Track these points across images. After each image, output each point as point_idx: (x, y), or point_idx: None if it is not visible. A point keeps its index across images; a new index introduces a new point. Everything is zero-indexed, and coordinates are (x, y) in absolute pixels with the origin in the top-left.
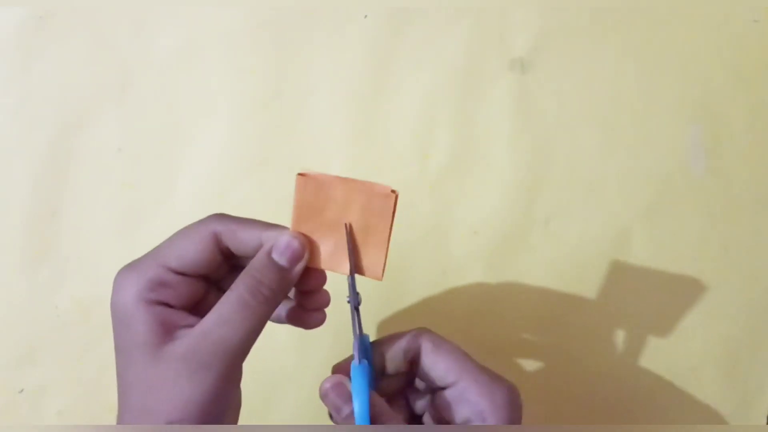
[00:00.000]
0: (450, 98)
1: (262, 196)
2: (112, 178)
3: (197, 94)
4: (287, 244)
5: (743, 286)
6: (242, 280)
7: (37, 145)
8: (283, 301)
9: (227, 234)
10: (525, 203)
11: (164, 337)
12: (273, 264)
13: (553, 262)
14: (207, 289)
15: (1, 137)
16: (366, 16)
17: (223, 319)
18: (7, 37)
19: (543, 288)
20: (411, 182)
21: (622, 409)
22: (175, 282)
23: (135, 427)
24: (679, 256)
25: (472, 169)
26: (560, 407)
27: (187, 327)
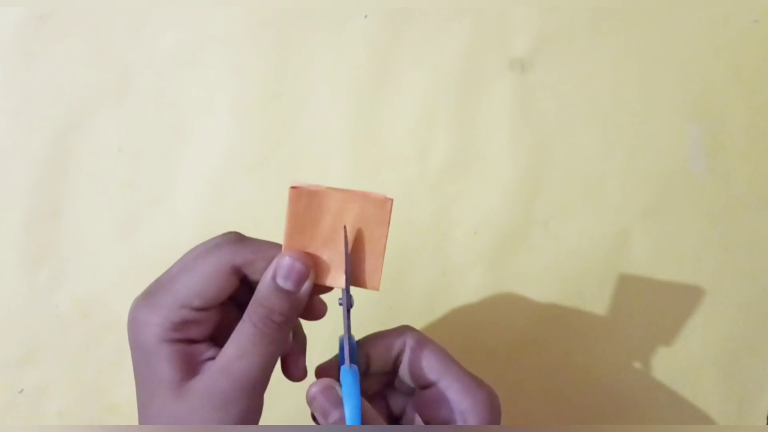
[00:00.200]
0: (450, 98)
1: (262, 196)
2: (112, 178)
3: (197, 94)
4: (290, 267)
5: (743, 286)
6: (253, 311)
7: (37, 145)
8: None
9: (246, 266)
10: (525, 203)
11: (187, 373)
12: (279, 290)
13: (553, 262)
14: (226, 309)
15: (1, 137)
16: (366, 16)
17: (242, 352)
18: (7, 37)
19: (543, 288)
20: (411, 182)
21: (622, 409)
22: (198, 319)
23: (135, 427)
24: (679, 256)
25: (472, 169)
26: (560, 407)
27: (209, 360)
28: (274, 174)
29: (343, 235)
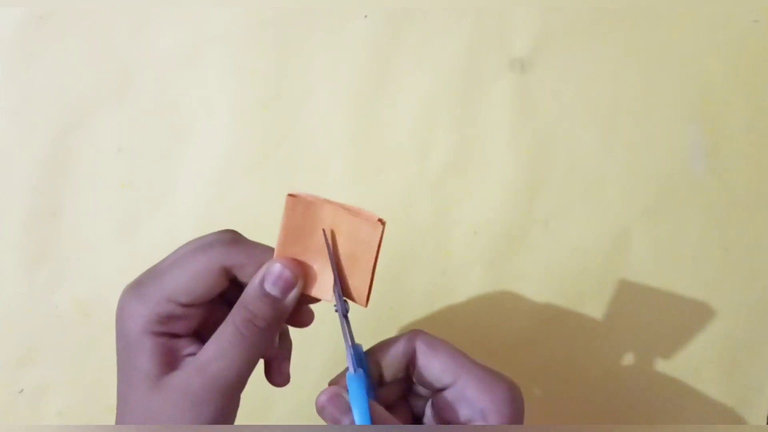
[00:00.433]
0: (450, 98)
1: (262, 196)
2: (112, 178)
3: (197, 94)
4: (279, 275)
5: (743, 286)
6: (237, 313)
7: (37, 145)
8: None
9: (236, 268)
10: (525, 203)
11: (166, 367)
12: (265, 295)
13: (553, 262)
14: (213, 307)
15: (1, 137)
16: (366, 16)
17: (221, 352)
18: (7, 37)
19: (543, 288)
20: (411, 182)
21: (622, 409)
22: (183, 314)
23: (135, 427)
24: (679, 256)
25: (472, 169)
26: (560, 407)
27: (190, 355)
28: (274, 174)
29: (336, 248)
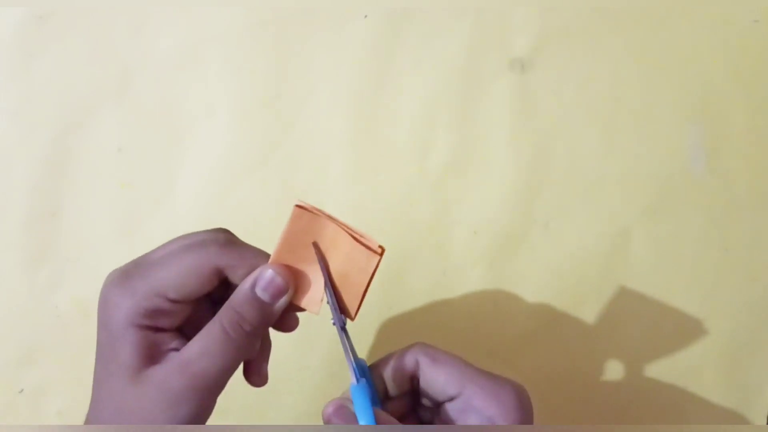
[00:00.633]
0: (450, 98)
1: (262, 196)
2: (112, 178)
3: (197, 94)
4: (270, 280)
5: (743, 286)
6: (225, 313)
7: (37, 145)
8: None
9: (228, 269)
10: (525, 203)
11: (148, 360)
12: (255, 299)
13: (553, 262)
14: (198, 305)
15: (1, 137)
16: (366, 16)
17: (205, 351)
18: (7, 37)
19: (543, 288)
20: (411, 182)
21: (622, 409)
22: (171, 310)
23: (134, 427)
24: (679, 256)
25: (472, 169)
26: (560, 407)
27: (172, 350)
28: (274, 174)
29: (331, 267)
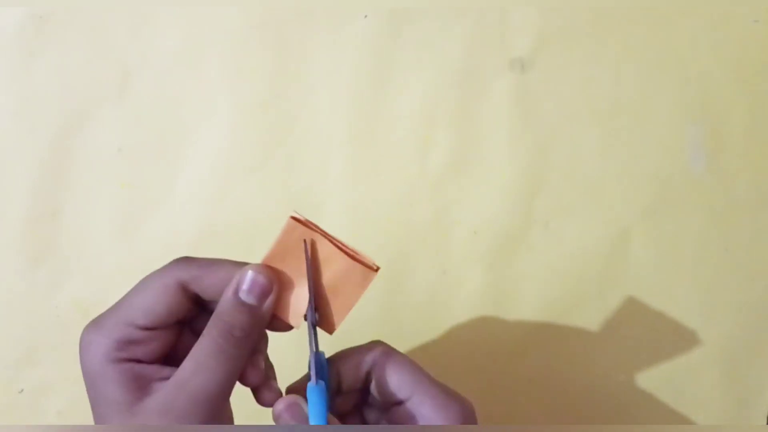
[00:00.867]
0: (450, 98)
1: (261, 196)
2: (112, 178)
3: (197, 94)
4: (253, 281)
5: (743, 286)
6: (213, 325)
7: (37, 145)
8: None
9: (193, 282)
10: (525, 203)
11: (138, 393)
12: (241, 304)
13: (553, 262)
14: (178, 332)
15: (1, 137)
16: (366, 16)
17: (199, 367)
18: (7, 37)
19: (543, 288)
20: (411, 182)
21: (622, 409)
22: (144, 338)
23: (135, 427)
24: (679, 256)
25: (472, 169)
26: (560, 407)
27: (162, 380)
28: (274, 174)
29: (319, 284)
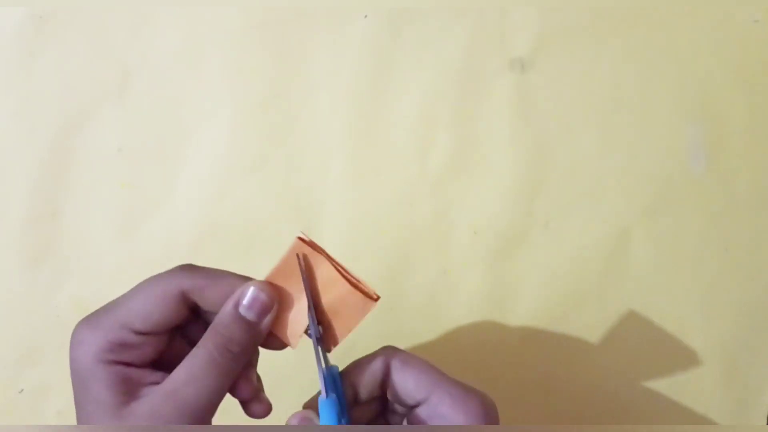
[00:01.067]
0: (450, 98)
1: (261, 196)
2: (112, 178)
3: (197, 94)
4: (254, 298)
5: (743, 286)
6: (210, 337)
7: (37, 145)
8: None
9: (195, 292)
10: (525, 203)
11: (126, 396)
12: (240, 319)
13: (553, 262)
14: (171, 338)
15: (1, 137)
16: (366, 16)
17: (192, 378)
18: (7, 37)
19: (543, 288)
20: (411, 182)
21: (622, 409)
22: (138, 343)
23: (136, 427)
24: (679, 256)
25: (472, 169)
26: (560, 407)
27: (152, 384)
28: (274, 174)
29: (319, 305)
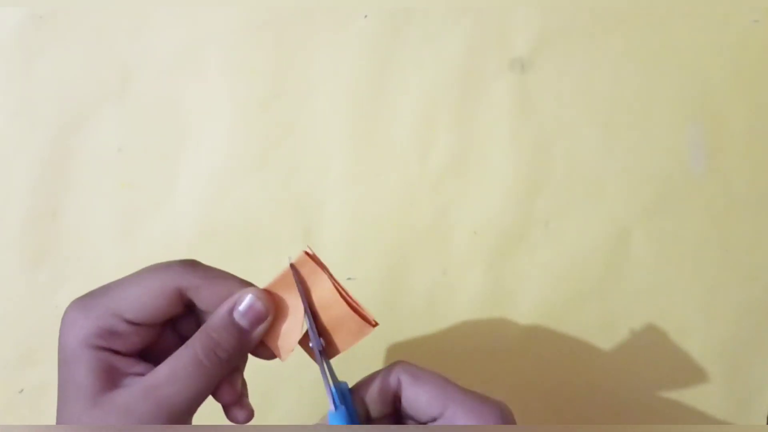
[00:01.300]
0: (450, 98)
1: (261, 196)
2: (112, 178)
3: (197, 94)
4: (250, 305)
5: (743, 286)
6: (199, 339)
7: (37, 145)
8: None
9: (192, 290)
10: (525, 203)
11: (107, 383)
12: (233, 324)
13: (553, 262)
14: (161, 330)
15: (1, 137)
16: (366, 16)
17: (174, 377)
18: (7, 37)
19: (543, 288)
20: (411, 182)
21: (622, 409)
22: (127, 332)
23: (137, 427)
24: (679, 256)
25: (472, 169)
26: (560, 407)
27: (134, 375)
28: (274, 174)
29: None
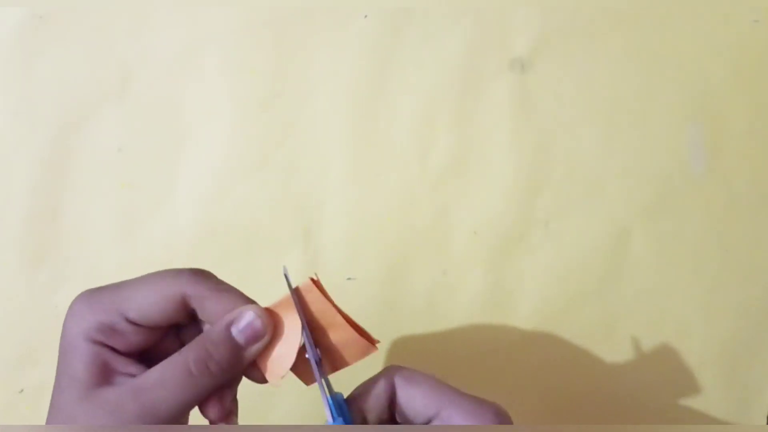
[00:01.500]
0: (450, 98)
1: (261, 196)
2: (112, 178)
3: (197, 94)
4: (249, 323)
5: (743, 286)
6: (193, 348)
7: (37, 145)
8: None
9: (196, 300)
10: (525, 203)
11: (100, 378)
12: (229, 339)
13: (553, 262)
14: (162, 334)
15: (1, 137)
16: (366, 16)
17: (161, 383)
18: (7, 37)
19: (543, 288)
20: (411, 182)
21: (622, 409)
22: (128, 331)
23: (137, 427)
24: (679, 256)
25: (472, 169)
26: (560, 407)
27: (127, 375)
28: (274, 174)
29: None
